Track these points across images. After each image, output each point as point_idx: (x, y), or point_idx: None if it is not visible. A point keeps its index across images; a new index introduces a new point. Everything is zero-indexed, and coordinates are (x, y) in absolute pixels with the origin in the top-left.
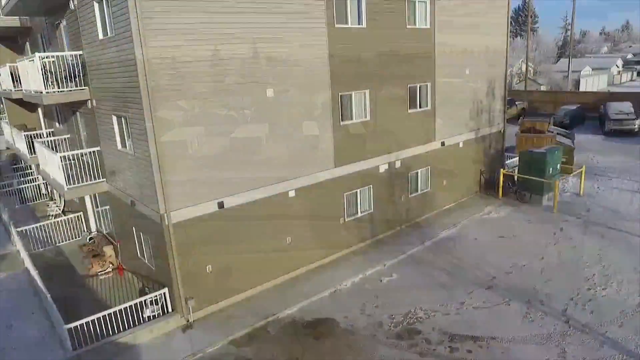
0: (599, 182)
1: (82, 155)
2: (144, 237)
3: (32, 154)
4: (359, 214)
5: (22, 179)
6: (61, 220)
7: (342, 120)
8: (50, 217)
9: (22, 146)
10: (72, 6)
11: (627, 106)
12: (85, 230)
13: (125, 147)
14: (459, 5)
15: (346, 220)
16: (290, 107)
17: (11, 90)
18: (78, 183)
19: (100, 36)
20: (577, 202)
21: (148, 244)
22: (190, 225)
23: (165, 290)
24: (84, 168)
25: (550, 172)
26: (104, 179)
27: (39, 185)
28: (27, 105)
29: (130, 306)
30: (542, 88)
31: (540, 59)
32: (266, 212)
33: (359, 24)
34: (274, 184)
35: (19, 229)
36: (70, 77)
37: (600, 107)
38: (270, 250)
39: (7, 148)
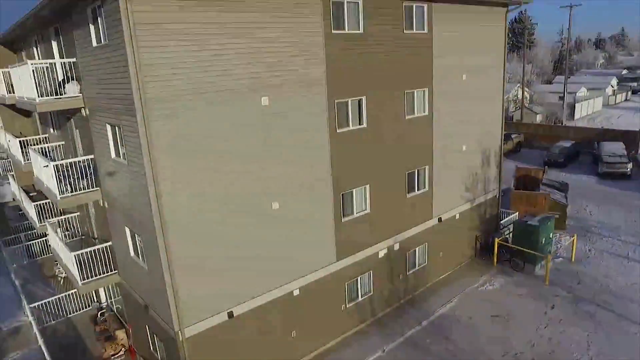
0: (591, 243)
1: (95, 251)
2: (157, 339)
3: (41, 222)
4: (359, 299)
5: (29, 231)
6: (72, 294)
7: (343, 217)
8: (59, 279)
9: (31, 211)
10: (84, 114)
11: (619, 147)
12: (95, 300)
13: (138, 257)
14: (456, 89)
15: (347, 306)
16: (293, 215)
17: (21, 162)
18: (91, 277)
19: (113, 155)
20: (568, 271)
21: (161, 347)
22: (202, 336)
23: None
24: (96, 259)
25: (543, 242)
26: (116, 271)
27: (46, 240)
28: None
29: None
30: (538, 117)
31: (536, 72)
32: (272, 313)
33: (360, 125)
34: (279, 287)
35: (31, 305)
36: (82, 176)
37: (595, 145)
38: (277, 346)
39: (13, 199)
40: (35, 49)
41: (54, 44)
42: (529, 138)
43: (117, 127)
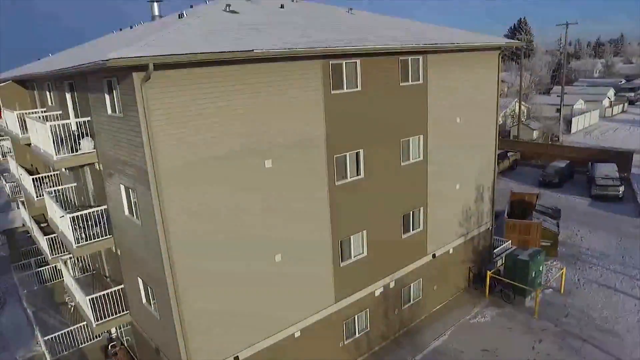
0: (581, 272)
1: (108, 293)
2: None
3: (53, 254)
4: (357, 335)
5: (39, 256)
6: (83, 326)
7: (342, 261)
8: (70, 307)
9: (43, 243)
10: (98, 168)
11: (612, 169)
12: (105, 331)
13: (150, 305)
14: (450, 132)
15: (345, 343)
16: (295, 264)
17: (34, 198)
18: (105, 317)
19: (126, 212)
20: (557, 303)
21: None
22: None
23: None
24: (110, 301)
25: (533, 275)
26: (128, 312)
27: (56, 266)
28: None
29: None
30: (535, 133)
31: (534, 81)
32: (275, 355)
33: (357, 176)
34: (281, 331)
35: (45, 338)
36: (96, 223)
37: (588, 165)
38: None
39: (23, 225)
40: (48, 93)
41: (68, 97)
42: (525, 155)
43: (130, 190)
